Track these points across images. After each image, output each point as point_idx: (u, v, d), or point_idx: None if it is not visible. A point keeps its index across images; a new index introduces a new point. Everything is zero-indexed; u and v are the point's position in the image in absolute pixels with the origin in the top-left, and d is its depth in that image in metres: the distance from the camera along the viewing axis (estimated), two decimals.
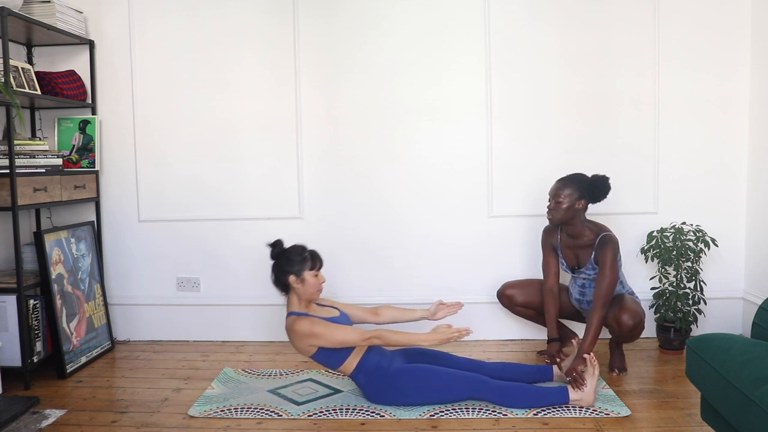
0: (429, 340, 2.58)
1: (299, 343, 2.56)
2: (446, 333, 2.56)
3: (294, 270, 2.58)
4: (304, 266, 2.59)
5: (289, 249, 2.64)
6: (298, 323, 2.53)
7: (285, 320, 2.63)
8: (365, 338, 2.53)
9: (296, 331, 2.53)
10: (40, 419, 2.52)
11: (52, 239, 3.09)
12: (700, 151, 3.39)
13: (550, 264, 3.02)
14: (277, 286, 2.65)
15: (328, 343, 2.52)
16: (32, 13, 3.15)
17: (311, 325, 2.52)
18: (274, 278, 2.64)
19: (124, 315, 3.60)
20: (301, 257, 2.60)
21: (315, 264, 2.62)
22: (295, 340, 2.56)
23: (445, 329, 2.58)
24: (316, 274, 2.61)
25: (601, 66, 3.37)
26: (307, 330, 2.51)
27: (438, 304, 2.85)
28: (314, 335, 2.51)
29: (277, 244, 2.65)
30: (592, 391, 2.52)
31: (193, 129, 3.51)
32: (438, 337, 2.56)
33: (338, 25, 3.42)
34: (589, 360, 2.58)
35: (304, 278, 2.58)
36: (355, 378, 2.62)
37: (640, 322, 2.80)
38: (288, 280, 2.59)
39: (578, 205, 2.84)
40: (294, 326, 2.54)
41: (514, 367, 2.76)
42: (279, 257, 2.63)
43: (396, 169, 3.46)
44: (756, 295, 3.28)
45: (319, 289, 2.63)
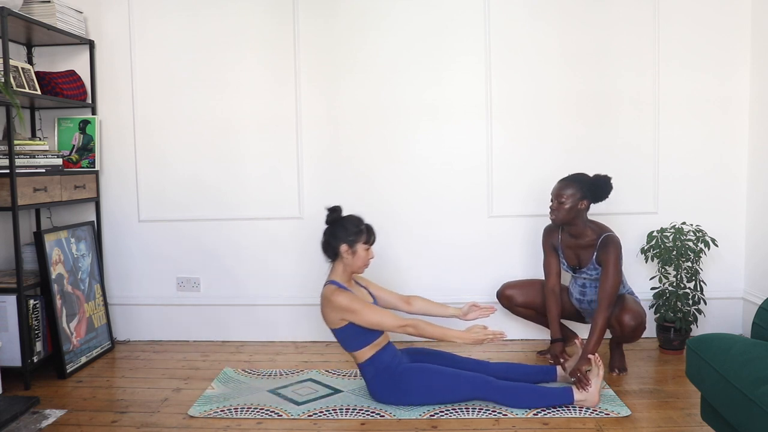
0: (463, 338, 2.53)
1: (332, 314, 2.53)
2: (480, 334, 2.53)
3: (348, 239, 2.56)
4: (359, 238, 2.57)
5: (347, 218, 2.62)
6: (338, 294, 2.51)
7: (324, 287, 2.61)
8: (400, 325, 2.50)
9: (333, 302, 2.51)
10: (40, 419, 2.52)
11: (52, 239, 3.09)
12: (700, 151, 3.39)
13: (551, 264, 3.02)
14: (326, 252, 2.63)
15: (362, 322, 2.50)
16: (32, 13, 3.15)
17: (351, 300, 2.50)
18: (324, 243, 2.62)
19: (124, 315, 3.60)
20: (357, 228, 2.59)
21: (369, 238, 2.61)
22: (329, 309, 2.53)
23: (480, 330, 2.54)
24: (367, 249, 2.61)
25: (601, 66, 3.37)
26: (346, 304, 2.49)
27: (471, 305, 2.82)
28: (351, 311, 2.49)
29: (336, 209, 2.64)
30: (596, 391, 2.52)
31: (193, 129, 3.51)
32: (472, 337, 2.52)
33: (338, 25, 3.42)
34: (593, 360, 2.58)
35: (356, 250, 2.57)
36: (363, 369, 2.60)
37: (641, 323, 2.80)
38: (339, 248, 2.57)
39: (581, 205, 2.84)
40: (333, 296, 2.52)
41: (518, 368, 2.75)
42: (334, 223, 2.61)
43: (396, 169, 3.46)
44: (756, 295, 3.28)
45: (367, 264, 2.62)
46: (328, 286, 2.58)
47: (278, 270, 3.53)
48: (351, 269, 2.60)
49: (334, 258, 2.62)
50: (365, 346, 2.56)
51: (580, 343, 2.78)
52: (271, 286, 3.55)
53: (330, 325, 2.58)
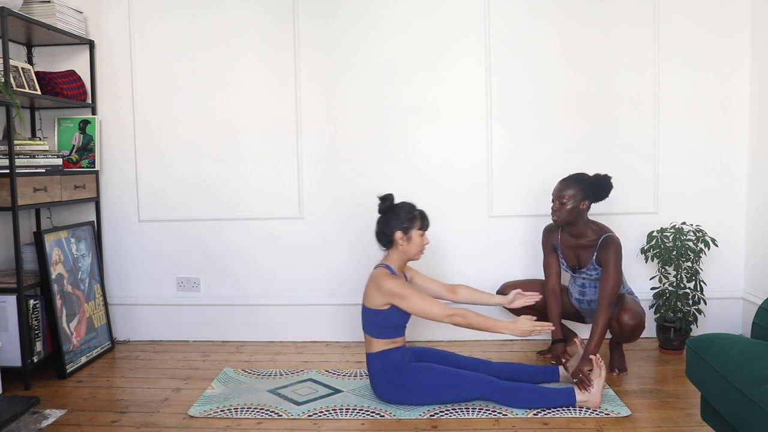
0: (512, 329, 2.52)
1: (379, 296, 2.52)
2: (529, 325, 2.52)
3: (402, 226, 2.57)
4: (413, 224, 2.59)
5: (399, 205, 2.63)
6: (389, 279, 2.52)
7: (375, 268, 2.61)
8: (449, 314, 2.51)
9: (383, 285, 2.51)
10: (40, 419, 2.52)
11: (52, 239, 3.09)
12: (700, 151, 3.39)
13: (551, 264, 3.02)
14: (380, 241, 2.64)
15: (410, 309, 2.51)
16: (32, 13, 3.15)
17: (402, 286, 2.51)
18: (378, 231, 2.63)
19: (124, 315, 3.60)
20: (410, 215, 2.59)
21: (424, 223, 2.62)
22: (377, 291, 2.53)
23: (529, 322, 2.54)
24: (422, 234, 2.61)
25: (601, 66, 3.37)
26: (397, 289, 2.50)
27: (516, 293, 2.82)
28: (401, 296, 2.49)
29: (388, 198, 2.65)
30: (599, 392, 2.52)
31: (193, 129, 3.51)
32: (520, 329, 2.51)
33: (338, 25, 3.42)
34: (595, 361, 2.58)
35: (410, 236, 2.58)
36: (372, 359, 2.60)
37: (640, 322, 2.80)
38: (394, 235, 2.58)
39: (582, 205, 2.84)
40: (384, 279, 2.52)
41: (520, 368, 2.75)
42: (387, 212, 2.62)
43: (396, 169, 3.46)
44: (756, 295, 3.28)
45: (422, 250, 2.63)
46: (380, 268, 2.59)
47: (278, 270, 3.53)
48: (407, 256, 2.62)
49: (389, 246, 2.63)
50: (386, 338, 2.57)
51: (580, 342, 2.78)
52: (271, 286, 3.55)
53: (371, 304, 2.56)
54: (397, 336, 2.60)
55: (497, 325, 2.55)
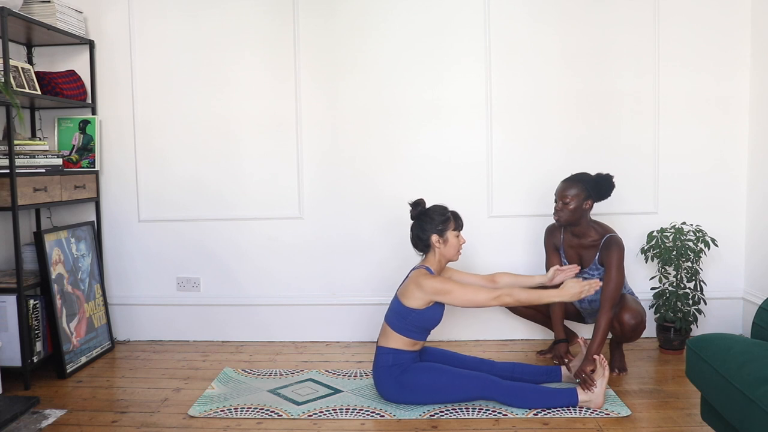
0: (560, 295, 2.53)
1: (420, 295, 2.52)
2: (576, 287, 2.51)
3: (437, 229, 2.59)
4: (447, 226, 2.60)
5: (431, 208, 2.65)
6: (430, 278, 2.53)
7: (414, 269, 2.62)
8: (495, 296, 2.51)
9: (425, 285, 2.51)
10: (40, 419, 2.52)
11: (52, 239, 3.09)
12: (700, 151, 3.39)
13: (553, 264, 3.02)
14: (417, 246, 2.66)
15: (455, 300, 2.51)
16: (32, 13, 3.15)
17: (443, 282, 2.53)
18: (414, 237, 2.65)
19: (124, 315, 3.60)
20: (443, 217, 2.61)
21: (457, 224, 2.63)
22: (418, 291, 2.53)
23: (574, 284, 2.53)
24: (457, 235, 2.63)
25: (601, 66, 3.37)
26: (439, 286, 2.51)
27: (555, 270, 2.81)
28: (445, 291, 2.50)
29: (419, 204, 2.66)
30: (601, 392, 2.52)
31: (193, 129, 3.51)
32: (568, 292, 2.51)
33: (338, 25, 3.42)
34: (599, 361, 2.57)
35: (446, 238, 2.60)
36: (383, 353, 2.59)
37: (641, 322, 2.80)
38: (430, 239, 2.59)
39: (585, 205, 2.84)
40: (424, 279, 2.53)
41: (523, 368, 2.75)
42: (420, 217, 2.63)
43: (396, 169, 3.46)
44: (756, 295, 3.28)
45: (459, 250, 2.65)
46: (421, 269, 2.60)
47: (278, 270, 3.53)
48: (445, 258, 2.64)
49: (426, 251, 2.65)
50: (409, 337, 2.57)
51: (582, 342, 2.78)
52: (271, 286, 3.55)
53: (409, 302, 2.55)
54: (420, 339, 2.62)
55: (545, 294, 2.55)
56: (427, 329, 2.62)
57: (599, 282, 2.55)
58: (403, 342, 2.58)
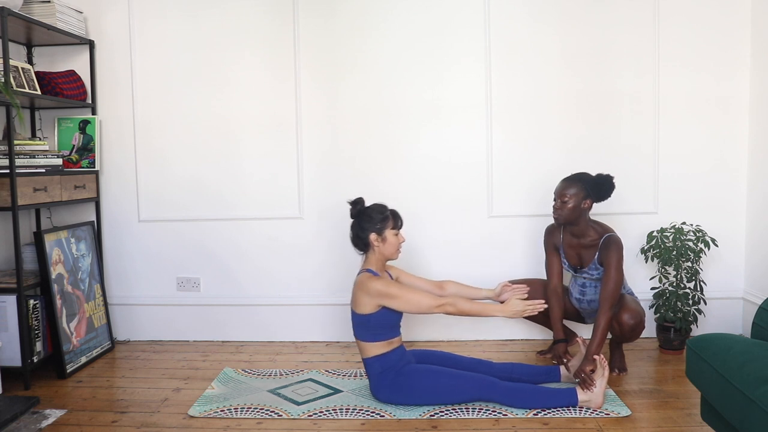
0: (503, 311, 2.53)
1: (368, 300, 2.52)
2: (520, 306, 2.52)
3: (375, 228, 2.58)
4: (386, 224, 2.60)
5: (370, 207, 2.65)
6: (374, 281, 2.53)
7: (358, 274, 2.62)
8: (439, 304, 2.51)
9: (369, 288, 2.51)
10: (40, 419, 2.52)
11: (52, 239, 3.09)
12: (700, 151, 3.39)
13: (553, 264, 3.02)
14: (356, 245, 2.65)
15: (401, 305, 2.50)
16: (32, 13, 3.15)
17: (387, 285, 2.52)
18: (353, 236, 2.64)
19: (124, 315, 3.60)
20: (382, 215, 2.61)
21: (396, 222, 2.63)
22: (364, 296, 2.53)
23: (519, 302, 2.53)
24: (396, 233, 2.62)
25: (601, 66, 3.37)
26: (383, 289, 2.50)
27: (503, 285, 2.81)
28: (389, 295, 2.50)
29: (358, 202, 2.66)
30: (601, 392, 2.52)
31: (193, 129, 3.51)
32: (512, 309, 2.52)
33: (338, 25, 3.42)
34: (598, 361, 2.58)
35: (385, 237, 2.59)
36: (369, 365, 2.59)
37: (640, 322, 2.80)
38: (369, 238, 2.59)
39: (584, 204, 2.84)
40: (369, 282, 2.53)
41: (522, 368, 2.75)
42: (360, 215, 2.63)
43: (397, 169, 3.46)
44: (756, 295, 3.28)
45: (399, 249, 2.64)
46: (363, 273, 2.60)
47: (278, 270, 3.53)
48: (384, 257, 2.63)
49: (365, 249, 2.64)
50: (380, 341, 2.56)
51: (582, 341, 2.78)
52: (271, 286, 3.55)
53: (360, 309, 2.56)
54: (394, 336, 2.60)
55: (488, 309, 2.55)
56: (394, 326, 2.60)
57: (543, 302, 2.56)
58: (379, 346, 2.57)
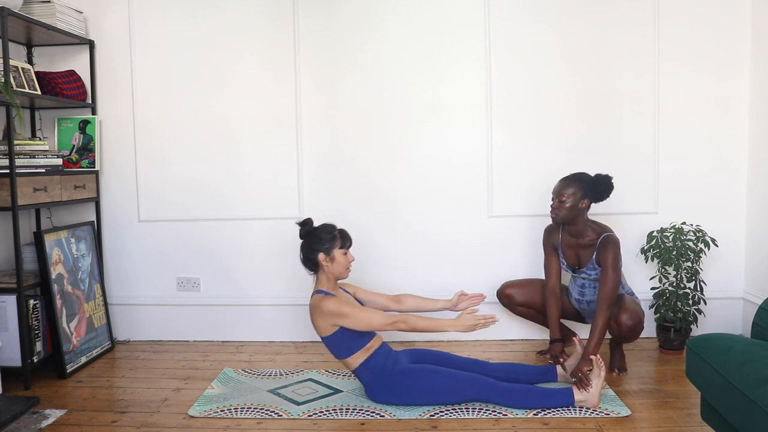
0: (455, 326, 2.53)
1: (323, 321, 2.53)
2: (471, 320, 2.53)
3: (323, 248, 2.58)
4: (334, 244, 2.59)
5: (319, 227, 2.64)
6: (325, 301, 2.53)
7: (310, 298, 2.62)
8: (391, 322, 2.51)
9: (322, 309, 2.52)
10: (40, 419, 2.52)
11: (52, 239, 3.09)
12: (700, 151, 3.39)
13: (552, 264, 3.02)
14: (306, 265, 2.64)
15: (353, 324, 2.50)
16: (32, 13, 3.15)
17: (339, 304, 2.52)
18: (303, 257, 2.64)
19: (124, 315, 3.60)
20: (330, 235, 2.60)
21: (345, 242, 2.63)
22: (319, 317, 2.54)
23: (470, 316, 2.54)
24: (345, 253, 2.62)
25: (601, 66, 3.37)
26: (335, 309, 2.50)
27: (460, 295, 2.82)
28: (341, 314, 2.49)
29: (307, 223, 2.66)
30: (597, 392, 2.52)
31: (193, 129, 3.51)
32: (464, 324, 2.52)
33: (338, 25, 3.42)
34: (595, 361, 2.58)
35: (333, 256, 2.59)
36: (358, 374, 2.61)
37: (639, 322, 2.80)
38: (317, 258, 2.58)
39: (581, 204, 2.84)
40: (321, 303, 2.53)
41: (518, 368, 2.75)
42: (308, 236, 2.62)
43: (397, 169, 3.46)
44: (756, 295, 3.28)
45: (348, 268, 2.64)
46: (315, 295, 2.60)
47: (278, 270, 3.53)
48: (334, 276, 2.62)
49: (315, 270, 2.64)
50: (357, 351, 2.57)
51: (578, 341, 2.78)
52: (271, 286, 3.55)
53: (321, 333, 2.58)
54: (367, 342, 2.59)
55: (440, 324, 2.55)
56: (363, 333, 2.57)
57: (495, 316, 2.57)
58: (359, 356, 2.57)
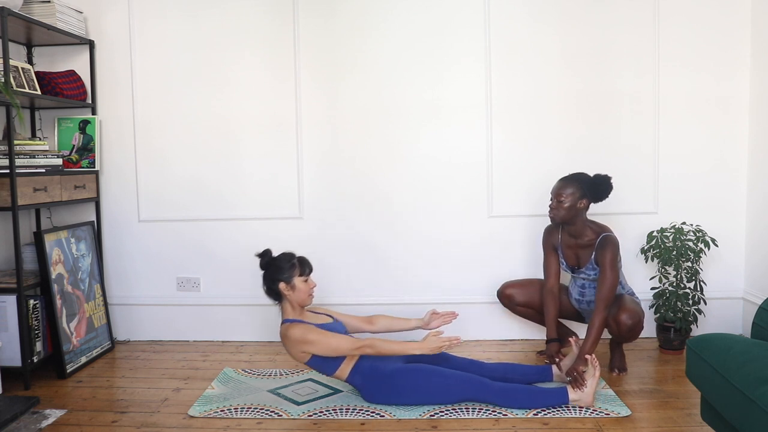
0: (420, 348, 2.57)
1: (293, 350, 2.58)
2: (436, 342, 2.57)
3: (284, 277, 2.60)
4: (294, 273, 2.61)
5: (278, 257, 2.66)
6: (291, 330, 2.56)
7: (279, 327, 2.64)
8: (357, 347, 2.54)
9: (290, 338, 2.55)
10: (40, 419, 2.52)
11: (52, 239, 3.09)
12: (700, 151, 3.39)
13: (551, 264, 3.02)
14: (270, 295, 2.67)
15: (320, 351, 2.53)
16: (32, 13, 3.15)
17: (305, 331, 2.54)
18: (266, 288, 2.66)
19: (124, 315, 3.60)
20: (289, 264, 2.62)
21: (304, 270, 2.64)
22: (289, 346, 2.58)
23: (435, 338, 2.58)
24: (305, 280, 2.64)
25: (601, 66, 3.37)
26: (301, 336, 2.53)
27: (431, 314, 2.87)
28: (308, 342, 2.53)
29: (266, 254, 2.67)
30: (591, 391, 2.53)
31: (193, 129, 3.51)
32: (428, 346, 2.56)
33: (338, 25, 3.42)
34: (590, 361, 2.58)
35: (294, 284, 2.61)
36: (351, 382, 2.63)
37: (638, 322, 2.80)
38: (279, 287, 2.61)
39: (580, 204, 2.84)
40: (288, 332, 2.56)
41: (513, 368, 2.76)
42: (268, 266, 2.65)
43: (396, 169, 3.46)
44: (756, 295, 3.28)
45: (310, 294, 2.66)
46: (282, 325, 2.62)
47: None
48: (297, 303, 2.64)
49: (279, 299, 2.65)
50: (341, 365, 2.59)
51: (574, 342, 2.78)
52: None
53: (298, 360, 2.62)
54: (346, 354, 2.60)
55: (406, 347, 2.59)
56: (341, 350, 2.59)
57: (459, 338, 2.60)
58: (345, 367, 2.59)
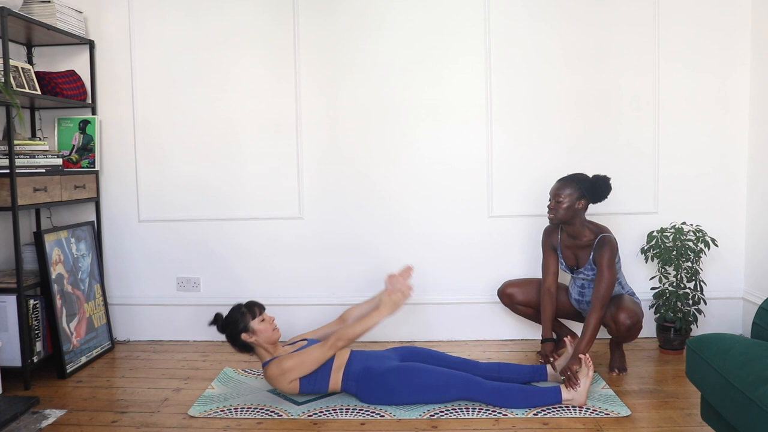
0: (382, 313, 2.62)
1: (281, 385, 2.60)
2: (393, 297, 2.64)
3: (242, 328, 2.62)
4: (247, 319, 2.63)
5: (228, 315, 2.68)
6: (269, 370, 2.60)
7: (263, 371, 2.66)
8: (329, 347, 2.57)
9: (271, 377, 2.60)
10: (40, 419, 2.52)
11: (52, 239, 3.09)
12: (700, 151, 3.39)
13: (549, 264, 3.02)
14: (243, 351, 2.68)
15: (302, 371, 2.56)
16: (32, 13, 3.15)
17: (278, 363, 2.57)
18: (236, 347, 2.67)
19: (124, 315, 3.60)
20: (240, 314, 2.65)
21: (254, 312, 2.66)
22: (276, 384, 2.61)
23: (389, 298, 2.64)
24: (262, 319, 2.66)
25: (601, 66, 3.37)
26: (278, 370, 2.57)
27: (387, 278, 2.86)
28: (285, 370, 2.56)
29: (217, 318, 2.70)
30: (585, 391, 2.53)
31: (193, 129, 3.51)
32: (389, 308, 2.62)
33: (338, 25, 3.42)
34: (584, 360, 2.58)
35: (253, 329, 2.63)
36: (347, 390, 2.64)
37: (637, 322, 2.80)
38: (243, 339, 2.63)
39: (578, 204, 2.84)
40: (268, 373, 2.61)
41: (508, 367, 2.76)
42: (225, 327, 2.67)
43: (397, 169, 3.46)
44: (756, 295, 3.28)
45: (274, 329, 2.67)
46: (264, 368, 2.64)
47: (278, 270, 3.53)
48: (267, 342, 2.65)
49: (251, 349, 2.67)
50: (330, 378, 2.61)
51: (569, 341, 2.78)
52: (271, 286, 3.54)
53: (292, 393, 2.65)
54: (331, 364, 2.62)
55: (372, 318, 2.63)
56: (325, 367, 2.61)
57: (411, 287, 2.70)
58: (335, 379, 2.61)
